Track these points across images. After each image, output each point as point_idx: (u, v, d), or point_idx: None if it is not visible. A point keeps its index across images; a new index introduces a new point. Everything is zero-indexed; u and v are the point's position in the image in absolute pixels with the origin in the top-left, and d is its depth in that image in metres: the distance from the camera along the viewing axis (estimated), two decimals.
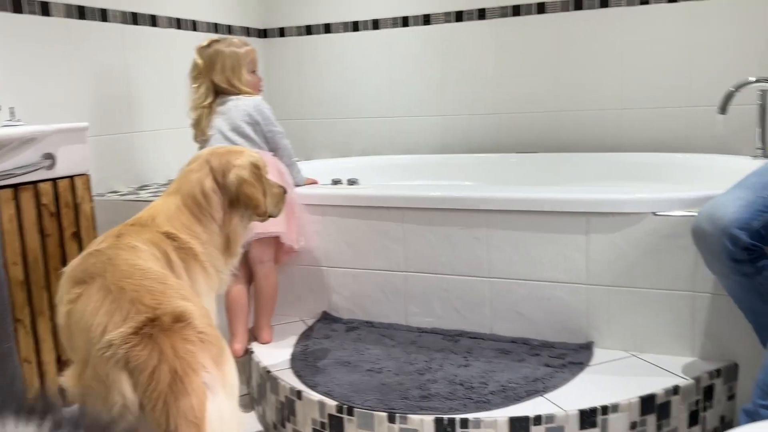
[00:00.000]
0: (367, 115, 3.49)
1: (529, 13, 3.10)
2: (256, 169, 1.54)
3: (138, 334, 0.99)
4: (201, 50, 2.20)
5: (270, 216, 1.60)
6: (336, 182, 2.20)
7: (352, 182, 2.20)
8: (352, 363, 1.85)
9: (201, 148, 2.23)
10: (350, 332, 2.09)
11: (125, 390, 0.96)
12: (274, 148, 2.15)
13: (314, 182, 2.27)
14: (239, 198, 1.49)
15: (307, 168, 2.87)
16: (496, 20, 3.16)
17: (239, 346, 2.05)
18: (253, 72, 2.24)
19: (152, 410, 0.93)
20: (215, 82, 2.17)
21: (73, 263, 1.35)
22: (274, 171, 2.09)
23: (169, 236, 1.42)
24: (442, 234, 2.04)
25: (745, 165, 1.99)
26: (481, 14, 3.18)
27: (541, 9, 3.07)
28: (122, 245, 1.36)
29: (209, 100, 2.19)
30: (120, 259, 1.25)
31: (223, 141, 2.10)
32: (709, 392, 1.70)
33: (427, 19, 3.29)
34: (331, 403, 1.64)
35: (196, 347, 1.00)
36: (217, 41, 2.21)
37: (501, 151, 3.22)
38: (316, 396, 1.68)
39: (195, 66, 2.20)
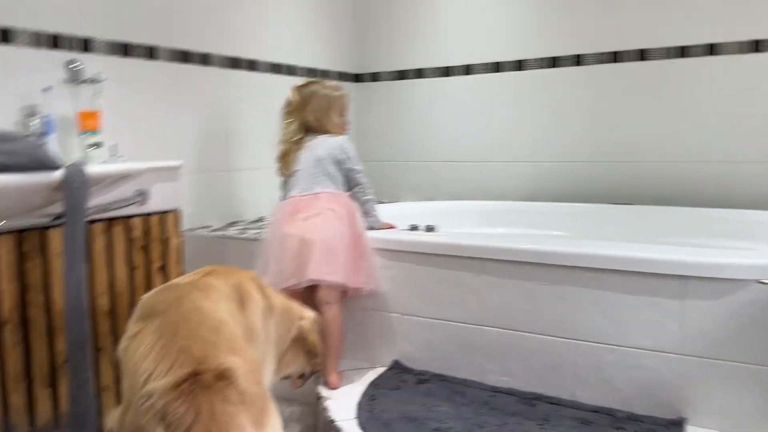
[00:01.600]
0: (456, 159, 3.45)
1: (629, 59, 2.97)
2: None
3: (178, 388, 0.97)
4: (298, 89, 2.30)
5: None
6: (413, 228, 2.16)
7: (430, 229, 2.15)
8: (419, 420, 1.77)
9: (284, 182, 2.28)
10: (420, 385, 2.01)
11: None
12: (352, 186, 2.17)
13: (391, 227, 2.24)
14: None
15: (392, 210, 2.86)
16: (594, 66, 3.05)
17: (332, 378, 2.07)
18: (343, 115, 2.30)
19: None
20: (306, 120, 2.23)
21: (150, 293, 1.39)
22: (346, 212, 2.08)
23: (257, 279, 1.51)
24: (524, 289, 1.94)
25: None
26: (578, 60, 3.09)
27: (642, 56, 2.93)
28: (201, 284, 1.39)
29: (298, 137, 2.26)
30: (188, 298, 1.26)
31: (307, 176, 2.15)
32: None
33: (520, 65, 3.23)
34: None
35: (235, 408, 0.97)
36: (314, 82, 2.30)
37: (594, 202, 3.07)
38: None
39: (289, 103, 2.30)
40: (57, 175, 1.66)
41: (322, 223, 2.05)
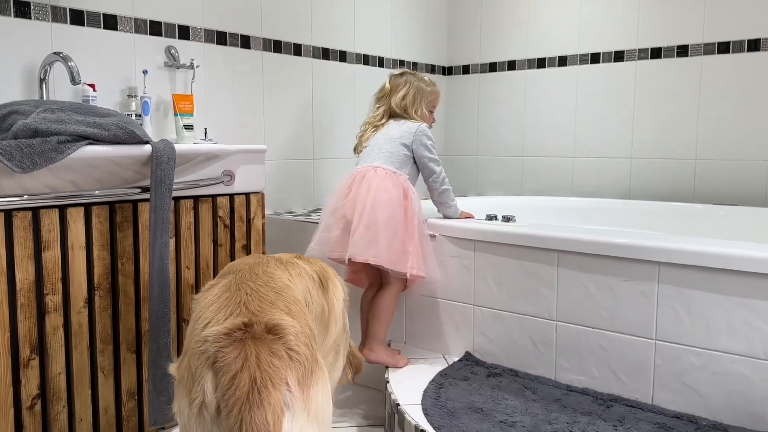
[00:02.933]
0: (546, 154, 3.34)
1: (739, 50, 2.76)
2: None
3: (231, 335, 1.00)
4: (393, 77, 2.30)
5: None
6: (491, 218, 2.11)
7: (507, 219, 2.09)
8: (485, 411, 1.73)
9: (357, 161, 2.29)
10: (491, 378, 1.96)
11: (207, 388, 0.97)
12: (426, 176, 2.15)
13: (470, 216, 2.20)
14: None
15: (477, 204, 2.81)
16: (700, 57, 2.86)
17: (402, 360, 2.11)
18: (431, 111, 2.30)
19: (228, 415, 0.93)
20: (393, 106, 2.23)
21: (239, 259, 1.46)
22: (398, 194, 2.06)
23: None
24: (603, 284, 1.85)
25: None
26: (683, 51, 2.90)
27: (753, 46, 2.72)
28: (284, 258, 1.46)
29: (383, 121, 2.25)
30: (264, 265, 1.31)
31: (372, 152, 2.17)
32: None
33: (619, 56, 3.08)
34: None
35: (282, 362, 0.98)
36: (410, 73, 2.30)
37: (696, 201, 2.88)
38: None
39: (382, 88, 2.31)
40: (146, 149, 1.76)
41: (372, 202, 2.04)
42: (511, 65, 3.44)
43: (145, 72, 2.22)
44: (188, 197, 2.07)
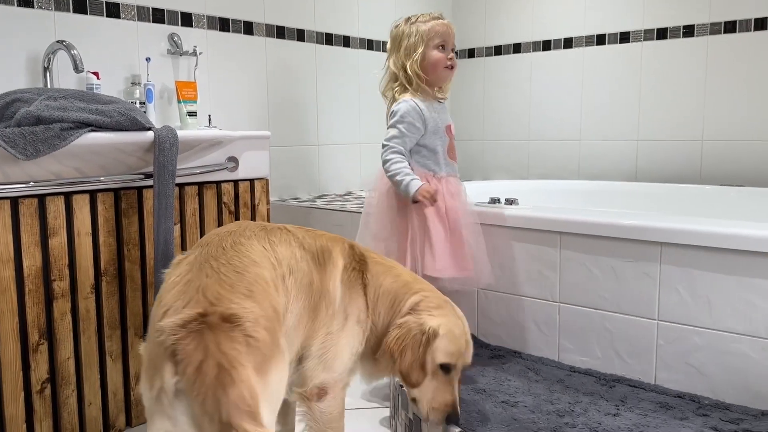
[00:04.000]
0: (552, 138, 3.33)
1: (746, 29, 2.73)
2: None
3: (186, 327, 1.00)
4: (392, 31, 2.03)
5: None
6: (494, 201, 2.11)
7: (510, 202, 2.09)
8: (488, 391, 1.74)
9: None
10: (494, 359, 1.97)
11: (167, 378, 0.97)
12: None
13: (432, 195, 1.85)
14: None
15: (484, 188, 2.80)
16: (706, 38, 2.83)
17: None
18: (442, 47, 1.94)
19: (202, 404, 0.93)
20: (391, 69, 2.03)
21: (218, 228, 1.40)
22: (381, 192, 1.96)
23: (359, 259, 1.43)
24: (606, 265, 1.85)
25: None
26: (689, 31, 2.87)
27: (761, 25, 2.69)
28: (272, 227, 1.37)
29: (387, 91, 2.04)
30: (238, 235, 1.26)
31: None
32: None
33: (625, 37, 3.06)
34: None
35: (241, 348, 0.99)
36: (404, 22, 2.02)
37: (703, 183, 2.86)
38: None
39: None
40: (149, 135, 1.77)
41: (365, 209, 2.01)
42: (517, 48, 3.43)
43: (148, 59, 2.23)
44: (193, 183, 2.09)
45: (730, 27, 2.77)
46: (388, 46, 2.02)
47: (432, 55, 1.91)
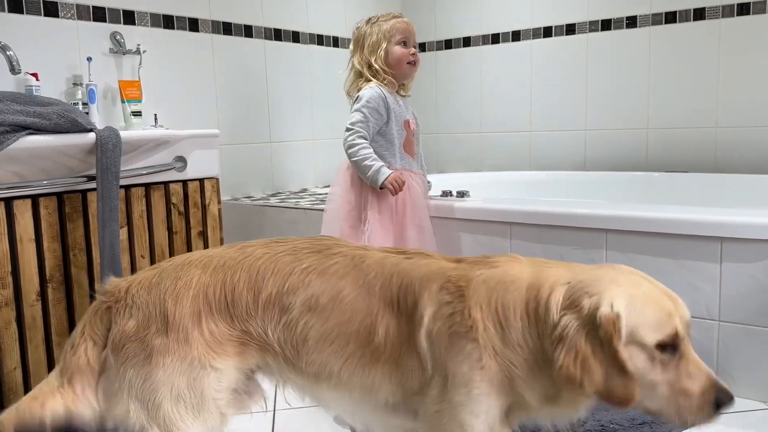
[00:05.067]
0: (504, 129, 3.37)
1: (686, 19, 2.81)
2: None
3: None
4: (355, 31, 2.09)
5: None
6: (446, 194, 2.13)
7: (461, 194, 2.11)
8: None
9: None
10: None
11: None
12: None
13: (398, 181, 1.88)
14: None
15: (439, 182, 2.82)
16: (648, 28, 2.90)
17: None
18: (404, 43, 2.00)
19: None
20: (355, 65, 2.08)
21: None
22: (344, 182, 1.99)
23: (450, 281, 1.05)
24: (555, 253, 1.88)
25: None
26: (632, 22, 2.94)
27: (699, 15, 2.77)
28: (324, 246, 1.17)
29: (352, 85, 2.09)
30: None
31: None
32: None
33: (571, 29, 3.11)
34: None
35: None
36: (366, 22, 2.09)
37: (648, 170, 2.94)
38: None
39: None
40: (90, 137, 1.73)
41: (328, 203, 2.03)
42: (467, 42, 3.46)
43: (89, 59, 2.18)
44: (139, 185, 2.05)
45: (670, 17, 2.84)
46: (351, 47, 2.08)
47: (395, 51, 1.97)
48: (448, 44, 3.51)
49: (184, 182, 2.19)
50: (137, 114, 2.22)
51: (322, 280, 1.10)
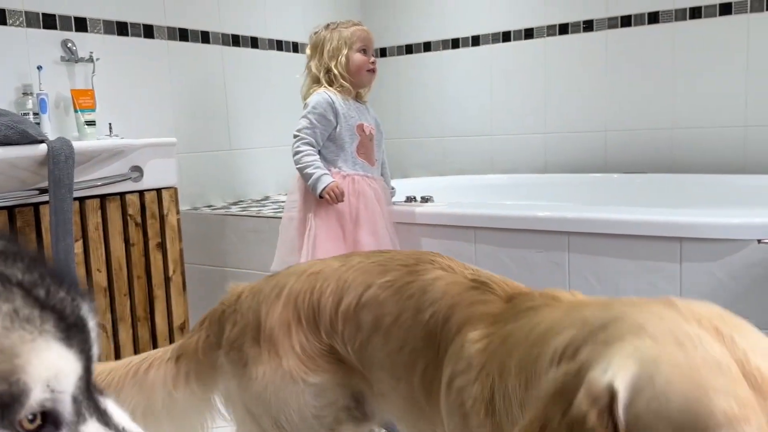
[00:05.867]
0: (465, 134, 3.39)
1: (640, 23, 2.86)
2: None
3: None
4: (312, 36, 2.08)
5: None
6: (410, 199, 2.12)
7: (425, 199, 2.11)
8: None
9: None
10: None
11: None
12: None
13: (336, 193, 1.87)
14: None
15: (403, 187, 2.80)
16: (605, 32, 2.95)
17: None
18: (363, 51, 2.02)
19: None
20: (313, 70, 2.08)
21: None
22: (296, 191, 2.00)
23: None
24: (518, 256, 1.89)
25: None
26: (588, 26, 2.99)
27: (653, 19, 2.83)
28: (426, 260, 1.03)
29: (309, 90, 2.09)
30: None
31: None
32: None
33: (529, 33, 3.15)
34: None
35: None
36: (325, 27, 2.07)
37: (608, 171, 2.98)
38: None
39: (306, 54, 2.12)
40: (42, 148, 1.67)
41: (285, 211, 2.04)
42: (427, 47, 3.46)
43: (39, 68, 2.11)
44: (94, 197, 1.99)
45: (626, 21, 2.89)
46: (308, 51, 2.06)
47: (355, 58, 1.98)
48: (409, 49, 3.52)
49: (141, 192, 2.14)
50: (91, 123, 2.15)
51: (395, 299, 1.00)
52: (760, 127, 2.63)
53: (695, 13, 2.72)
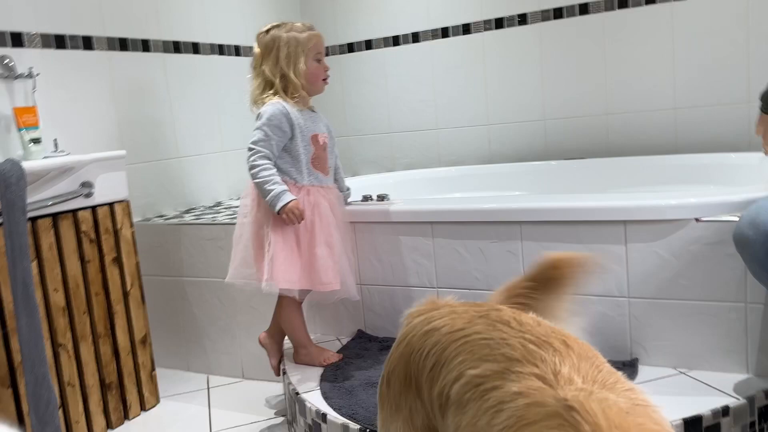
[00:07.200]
0: (411, 129, 3.45)
1: (571, 14, 2.98)
2: None
3: None
4: (259, 36, 1.99)
5: None
6: (366, 198, 2.17)
7: (381, 198, 2.15)
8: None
9: None
10: (384, 351, 2.04)
11: None
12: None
13: (297, 212, 1.85)
14: None
15: (353, 184, 2.85)
16: (538, 24, 3.06)
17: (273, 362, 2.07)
18: (318, 61, 1.97)
19: None
20: (266, 75, 1.98)
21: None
22: (250, 201, 1.98)
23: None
24: (475, 248, 1.97)
25: None
26: (522, 19, 3.09)
27: (583, 10, 2.95)
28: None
29: (265, 97, 1.99)
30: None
31: None
32: (766, 413, 1.54)
33: (467, 29, 3.23)
34: (355, 427, 1.60)
35: None
36: (276, 26, 1.98)
37: (549, 158, 3.10)
38: (340, 419, 1.64)
39: (254, 55, 2.01)
40: None
41: (239, 217, 2.04)
42: (369, 45, 3.50)
43: None
44: (46, 216, 1.95)
45: (558, 13, 3.01)
46: (258, 51, 1.96)
47: (312, 66, 1.94)
48: (351, 48, 3.55)
49: (93, 208, 2.11)
50: (36, 141, 2.10)
51: (475, 408, 0.85)
52: (689, 109, 2.79)
53: (623, 2, 2.85)
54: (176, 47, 2.86)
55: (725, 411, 1.49)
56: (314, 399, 1.76)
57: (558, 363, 0.84)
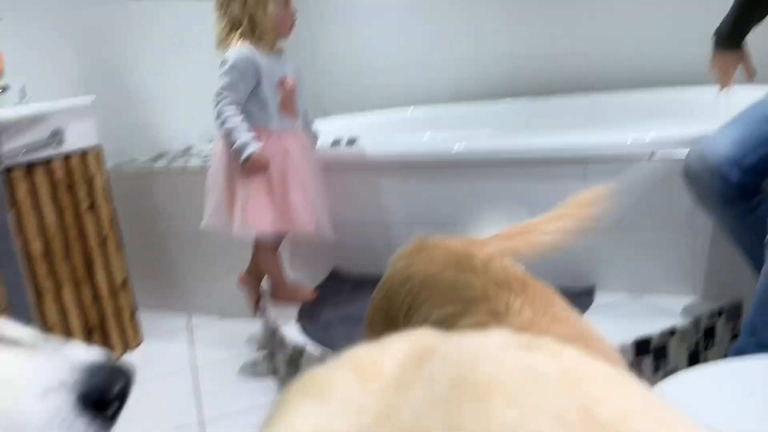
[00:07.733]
0: (379, 68, 3.46)
1: None
2: None
3: None
4: None
5: None
6: (336, 143, 2.21)
7: (351, 141, 2.20)
8: (356, 318, 1.89)
9: None
10: (358, 288, 2.14)
11: None
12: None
13: (262, 164, 1.88)
14: None
15: (323, 127, 2.88)
16: None
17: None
18: (286, 7, 1.96)
19: None
20: (235, 16, 1.94)
21: None
22: (219, 148, 1.97)
23: None
24: (444, 189, 2.04)
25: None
26: None
27: None
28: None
29: (225, 41, 1.97)
30: None
31: None
32: (710, 332, 1.68)
33: None
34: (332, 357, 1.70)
35: None
36: None
37: (517, 95, 3.15)
38: (318, 350, 1.74)
39: None
40: None
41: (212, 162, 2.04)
42: None
43: None
44: (19, 166, 1.96)
45: None
46: None
47: (280, 11, 1.92)
48: None
49: (66, 156, 2.13)
50: (2, 90, 2.08)
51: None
52: (652, 41, 2.85)
53: None
54: None
55: (672, 332, 1.62)
56: (293, 333, 1.86)
57: (512, 300, 0.90)
